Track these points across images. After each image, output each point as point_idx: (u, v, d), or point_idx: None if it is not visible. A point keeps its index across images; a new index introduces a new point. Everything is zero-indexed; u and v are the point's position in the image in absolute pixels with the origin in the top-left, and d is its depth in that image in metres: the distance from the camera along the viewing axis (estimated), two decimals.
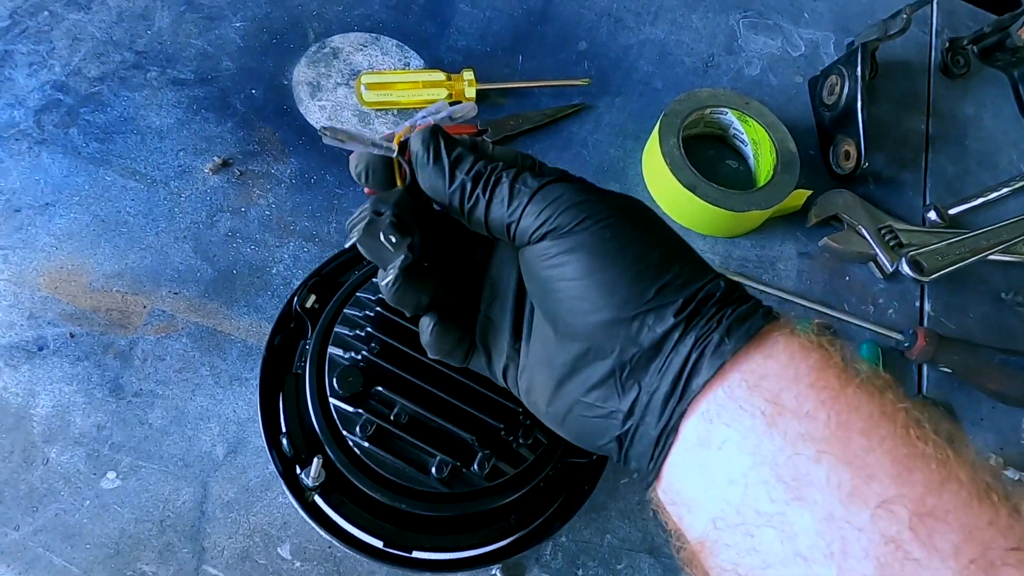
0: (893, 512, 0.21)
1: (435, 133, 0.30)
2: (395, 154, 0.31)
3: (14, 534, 0.44)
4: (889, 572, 0.21)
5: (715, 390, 0.25)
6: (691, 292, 0.26)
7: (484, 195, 0.29)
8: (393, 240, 0.29)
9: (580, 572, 0.49)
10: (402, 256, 0.29)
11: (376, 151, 0.31)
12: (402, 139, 0.31)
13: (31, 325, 0.50)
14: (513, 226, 0.28)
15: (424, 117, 0.33)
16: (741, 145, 0.67)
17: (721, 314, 0.26)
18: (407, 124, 0.32)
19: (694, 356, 0.25)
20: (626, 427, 0.27)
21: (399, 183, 0.31)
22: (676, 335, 0.26)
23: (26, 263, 0.52)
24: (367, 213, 0.30)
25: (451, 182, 0.29)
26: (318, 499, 0.43)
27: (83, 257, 0.53)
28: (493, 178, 0.29)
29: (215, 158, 0.58)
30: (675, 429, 0.26)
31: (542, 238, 0.28)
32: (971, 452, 0.23)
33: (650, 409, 0.26)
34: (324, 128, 0.30)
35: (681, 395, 0.25)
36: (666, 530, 0.28)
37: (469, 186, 0.29)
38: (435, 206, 0.32)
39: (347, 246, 0.30)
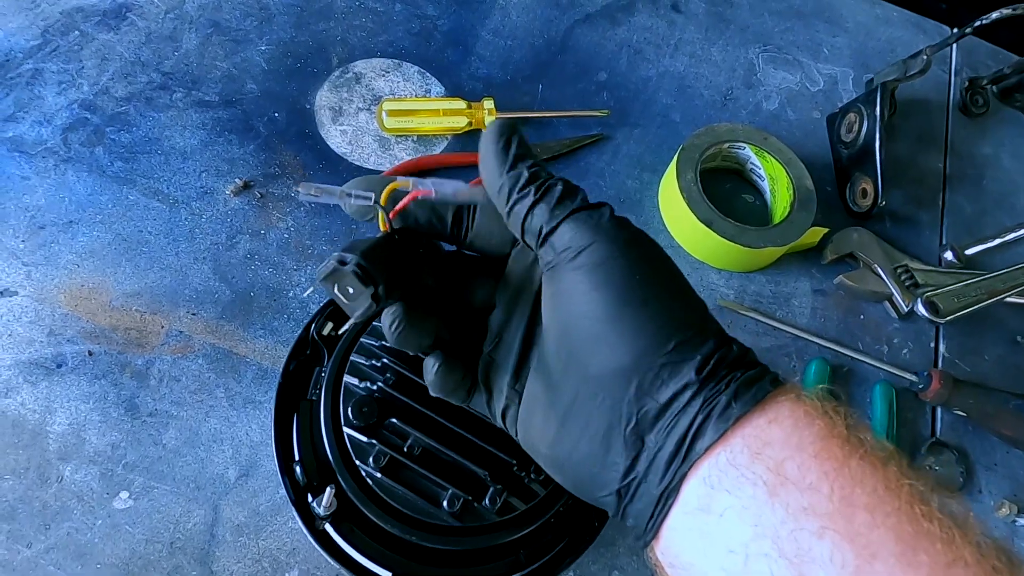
0: None
1: (512, 125, 0.30)
2: (371, 202, 0.31)
3: (26, 551, 0.45)
4: None
5: (717, 453, 0.25)
6: (708, 351, 0.26)
7: (535, 193, 0.29)
8: (350, 291, 0.29)
9: None
10: (364, 307, 0.29)
11: (354, 201, 0.31)
12: (391, 191, 0.31)
13: (51, 342, 0.51)
14: (547, 232, 0.28)
15: (425, 185, 0.32)
16: (758, 180, 0.67)
17: (731, 377, 0.26)
18: (409, 181, 0.32)
19: (700, 418, 0.25)
20: (626, 482, 0.27)
21: (382, 224, 0.32)
22: (687, 395, 0.26)
23: (48, 280, 0.53)
24: (332, 262, 0.29)
25: (511, 167, 0.29)
26: (328, 527, 0.43)
27: (104, 275, 0.54)
28: (549, 182, 0.29)
29: (236, 180, 0.59)
30: (676, 490, 0.25)
31: (569, 259, 0.28)
32: (977, 530, 0.23)
33: (653, 467, 0.26)
34: (299, 186, 0.31)
35: (685, 456, 0.25)
36: None
37: (525, 179, 0.29)
38: (420, 249, 0.33)
39: (304, 295, 0.31)
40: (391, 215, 0.31)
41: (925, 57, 0.64)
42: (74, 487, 0.47)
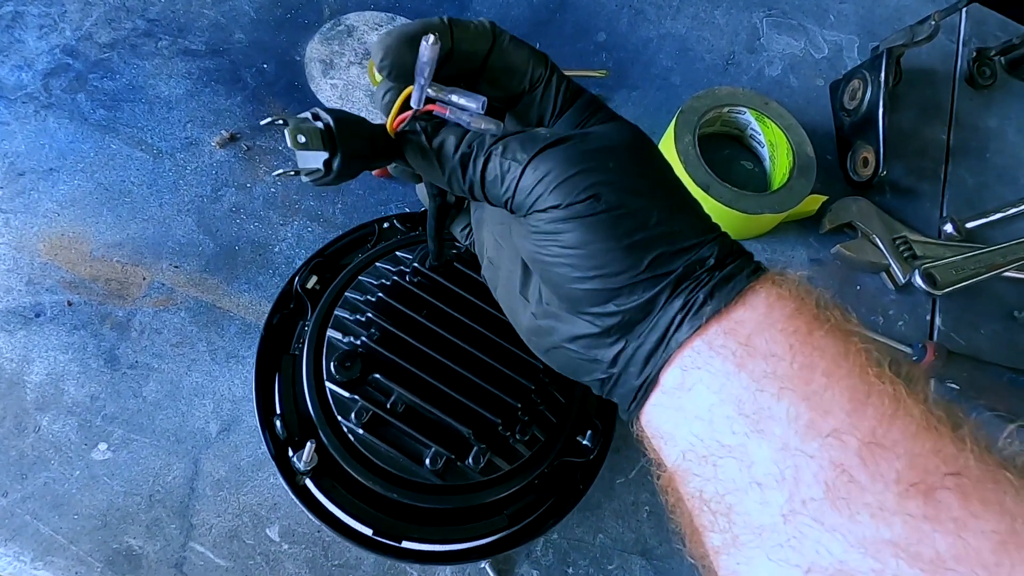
0: (843, 441, 0.23)
1: (413, 122, 0.29)
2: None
3: (2, 500, 0.44)
4: (835, 494, 0.22)
5: (695, 343, 0.26)
6: (686, 260, 0.27)
7: (476, 176, 0.29)
8: (308, 147, 0.27)
9: (570, 570, 0.48)
10: (312, 168, 0.28)
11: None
12: (405, 97, 0.29)
13: (29, 291, 0.50)
14: (509, 202, 0.28)
15: (447, 97, 0.29)
16: (758, 146, 0.66)
17: (710, 277, 0.27)
18: (429, 90, 0.29)
19: (679, 317, 0.26)
20: (608, 374, 0.29)
21: (390, 122, 0.29)
22: (664, 298, 0.27)
23: (27, 228, 0.51)
24: (309, 112, 0.28)
25: (442, 170, 0.29)
26: (309, 483, 0.42)
27: (85, 225, 0.52)
28: (482, 158, 0.28)
29: (223, 132, 0.57)
30: (655, 379, 0.27)
31: (535, 212, 0.28)
32: (927, 391, 0.24)
33: (633, 362, 0.28)
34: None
35: (663, 351, 0.27)
36: (647, 458, 0.29)
37: (459, 172, 0.29)
38: None
39: (262, 123, 0.28)
40: (395, 124, 0.29)
41: (933, 23, 0.62)
42: (52, 437, 0.46)
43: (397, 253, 0.46)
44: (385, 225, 0.50)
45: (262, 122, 0.28)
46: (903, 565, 0.21)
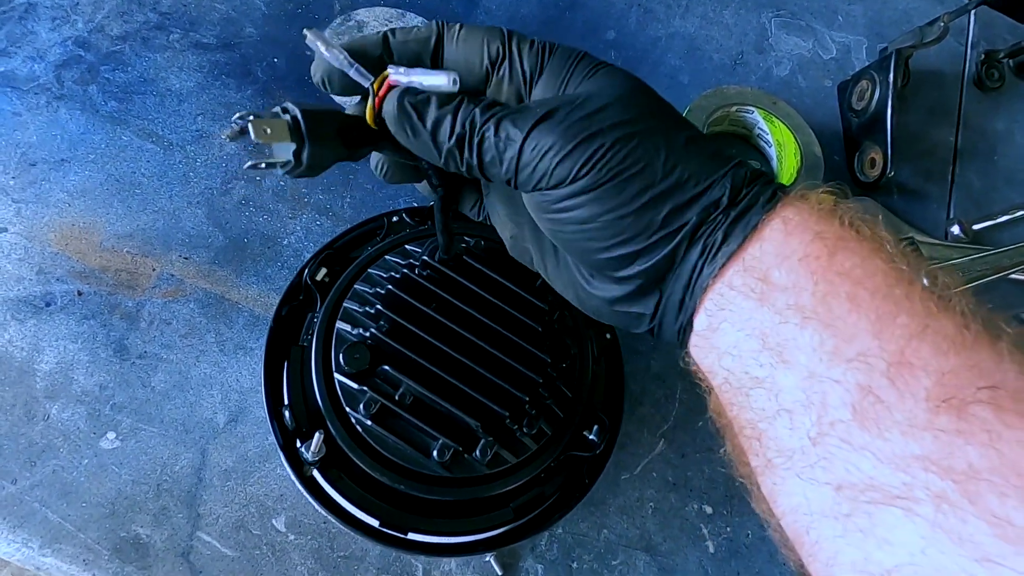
0: (870, 364, 0.23)
1: (402, 105, 0.28)
2: (368, 83, 0.29)
3: (11, 487, 0.44)
4: (863, 416, 0.22)
5: (716, 286, 0.27)
6: (699, 207, 0.27)
7: (473, 158, 0.29)
8: (273, 137, 0.27)
9: (574, 565, 0.48)
10: (283, 161, 0.28)
11: (353, 74, 0.29)
12: (383, 78, 0.29)
13: (40, 280, 0.50)
14: (512, 181, 0.28)
15: (407, 76, 0.29)
16: (765, 146, 0.66)
17: (726, 216, 0.27)
18: (391, 72, 0.29)
19: (700, 263, 0.27)
20: (653, 324, 0.30)
21: (369, 113, 0.30)
22: (683, 248, 0.27)
23: (38, 218, 0.52)
24: (277, 107, 0.28)
25: (439, 153, 0.29)
26: (316, 474, 0.42)
27: (95, 216, 0.53)
28: (477, 137, 0.28)
29: (233, 125, 0.57)
30: (689, 324, 0.28)
31: (542, 189, 0.28)
32: (964, 303, 0.24)
33: (668, 310, 0.29)
34: (307, 30, 0.29)
35: (689, 299, 0.28)
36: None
37: (457, 153, 0.29)
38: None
39: (233, 119, 0.28)
40: (376, 103, 0.29)
41: (942, 24, 0.62)
42: (61, 426, 0.46)
43: (406, 246, 0.46)
44: (394, 219, 0.50)
45: (233, 117, 0.28)
46: (934, 478, 0.21)
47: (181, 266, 0.52)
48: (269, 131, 0.27)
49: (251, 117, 0.27)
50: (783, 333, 0.25)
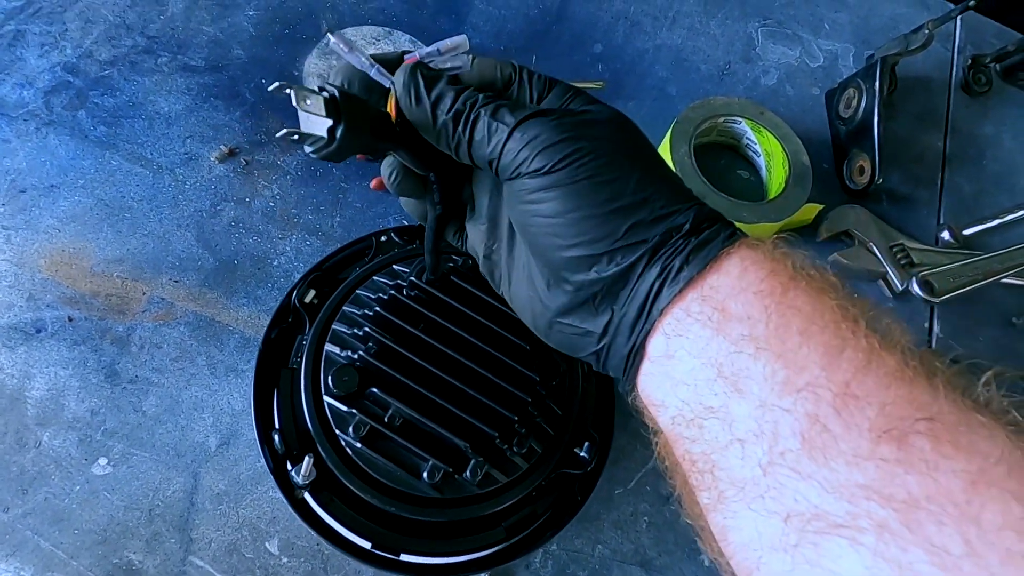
0: (818, 394, 0.24)
1: (414, 73, 0.30)
2: (388, 84, 0.31)
3: (3, 516, 0.44)
4: (811, 445, 0.23)
5: (674, 310, 0.27)
6: (663, 228, 0.28)
7: (465, 134, 0.30)
8: (311, 117, 0.28)
9: None
10: (315, 136, 0.29)
11: (374, 74, 0.31)
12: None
13: (30, 307, 0.50)
14: (494, 163, 0.30)
15: (412, 53, 0.32)
16: (753, 156, 0.66)
17: (686, 243, 0.28)
18: (418, 54, 0.31)
19: (657, 284, 0.28)
20: (600, 345, 0.30)
21: (391, 110, 0.31)
22: (642, 266, 0.28)
23: (28, 244, 0.52)
24: (318, 83, 0.30)
25: (434, 122, 0.30)
26: (308, 497, 0.42)
27: (85, 241, 0.53)
28: (472, 115, 0.30)
29: (222, 147, 0.57)
30: (642, 347, 0.28)
31: (521, 176, 0.29)
32: (904, 342, 0.25)
33: (620, 331, 0.29)
34: (330, 33, 0.31)
35: (645, 319, 0.28)
36: (647, 426, 0.31)
37: (451, 126, 0.30)
38: None
39: (269, 88, 0.29)
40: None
41: (927, 31, 0.63)
42: (52, 452, 0.46)
43: (394, 267, 0.46)
44: (383, 238, 0.50)
45: (270, 88, 0.29)
46: (875, 506, 0.21)
47: (171, 289, 0.52)
48: (309, 102, 0.28)
49: (292, 87, 0.28)
50: (738, 363, 0.25)
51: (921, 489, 0.21)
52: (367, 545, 0.42)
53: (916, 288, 0.60)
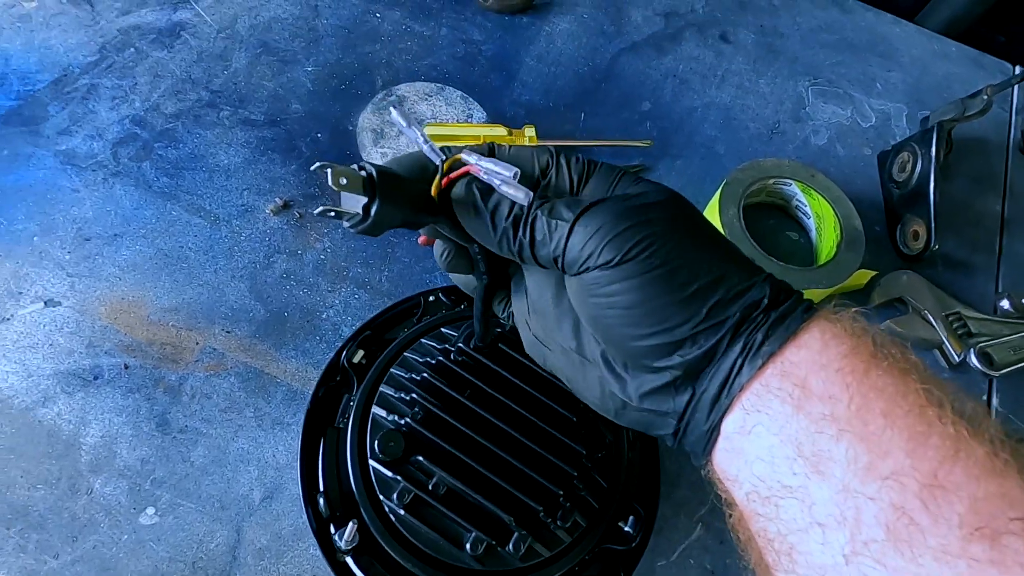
0: (903, 484, 0.23)
1: (470, 186, 0.31)
2: (439, 160, 0.32)
3: (53, 562, 0.45)
4: (897, 536, 0.22)
5: (754, 386, 0.27)
6: (741, 304, 0.28)
7: (525, 237, 0.30)
8: (348, 193, 0.29)
9: None
10: (351, 212, 0.30)
11: (425, 151, 0.31)
12: (454, 161, 0.32)
13: (89, 354, 0.52)
14: (559, 260, 0.29)
15: (478, 163, 0.32)
16: (804, 218, 0.65)
17: (766, 318, 0.27)
18: (464, 156, 0.32)
19: (740, 361, 0.27)
20: (679, 425, 0.30)
21: (435, 187, 0.32)
22: (725, 344, 0.27)
23: (90, 292, 0.54)
24: (355, 165, 0.30)
25: (494, 230, 0.30)
26: (349, 560, 0.42)
27: (144, 289, 0.54)
28: (531, 217, 0.30)
29: (277, 199, 0.59)
30: (718, 425, 0.28)
31: (590, 270, 0.29)
32: (992, 430, 0.24)
33: (700, 408, 0.29)
34: (395, 108, 0.31)
35: (726, 396, 0.28)
36: (721, 500, 0.30)
37: (511, 232, 0.30)
38: None
39: (312, 168, 0.30)
40: (444, 181, 0.31)
41: (986, 97, 0.62)
42: (103, 500, 0.47)
43: (443, 329, 0.46)
44: (431, 299, 0.51)
45: (312, 167, 0.30)
46: None
47: (223, 340, 0.53)
48: (345, 181, 0.29)
49: (330, 167, 0.29)
50: (818, 443, 0.25)
51: None
52: None
53: (974, 360, 0.58)
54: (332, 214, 0.30)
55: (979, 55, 0.79)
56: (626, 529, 0.44)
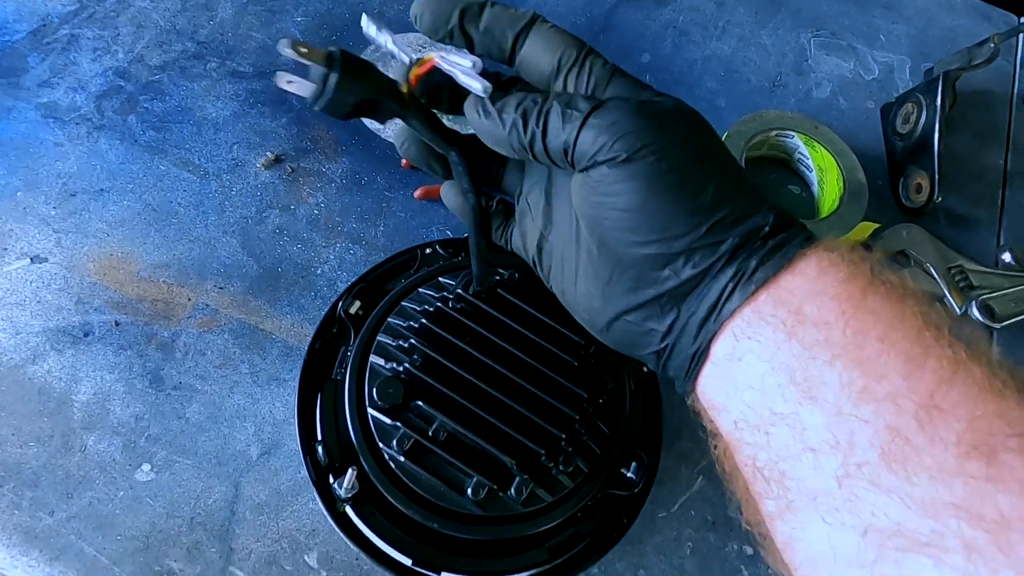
0: (899, 405, 0.22)
1: (480, 100, 0.30)
2: (410, 59, 0.32)
3: (48, 519, 0.44)
4: (891, 457, 0.22)
5: (744, 311, 0.26)
6: (742, 230, 0.27)
7: (538, 127, 0.28)
8: (311, 66, 0.29)
9: None
10: (313, 85, 0.30)
11: (395, 52, 0.32)
12: (420, 71, 0.32)
13: (78, 310, 0.50)
14: (570, 151, 0.28)
15: (440, 54, 0.31)
16: (806, 171, 0.64)
17: (763, 244, 0.27)
18: (430, 50, 0.32)
19: (731, 285, 0.27)
20: (663, 344, 0.29)
21: (413, 76, 0.32)
22: (718, 267, 0.27)
23: (78, 248, 0.52)
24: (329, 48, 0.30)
25: (504, 126, 0.29)
26: (349, 510, 0.42)
27: (133, 245, 0.53)
28: (546, 108, 0.28)
29: (268, 153, 0.58)
30: (707, 349, 0.27)
31: (598, 164, 0.28)
32: (990, 352, 0.24)
33: (686, 331, 0.28)
34: (366, 14, 0.32)
35: (715, 320, 0.27)
36: (704, 430, 0.30)
37: (521, 124, 0.29)
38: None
39: (279, 45, 0.30)
40: (412, 78, 0.31)
41: (992, 45, 0.60)
42: (97, 457, 0.46)
43: (440, 279, 0.45)
44: (427, 251, 0.50)
45: (278, 45, 0.30)
46: (965, 526, 0.20)
47: (216, 296, 0.52)
48: (305, 50, 0.29)
49: (296, 44, 0.29)
50: (811, 369, 0.24)
51: (1014, 509, 0.20)
52: (408, 562, 0.41)
53: (976, 312, 0.58)
54: (290, 81, 0.30)
55: (986, 7, 0.77)
56: (629, 475, 0.43)
